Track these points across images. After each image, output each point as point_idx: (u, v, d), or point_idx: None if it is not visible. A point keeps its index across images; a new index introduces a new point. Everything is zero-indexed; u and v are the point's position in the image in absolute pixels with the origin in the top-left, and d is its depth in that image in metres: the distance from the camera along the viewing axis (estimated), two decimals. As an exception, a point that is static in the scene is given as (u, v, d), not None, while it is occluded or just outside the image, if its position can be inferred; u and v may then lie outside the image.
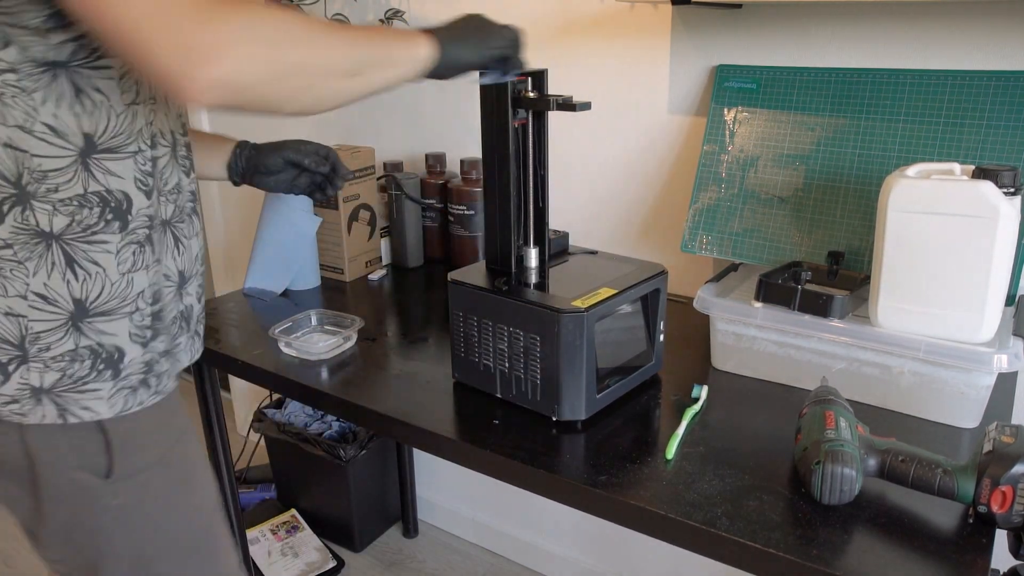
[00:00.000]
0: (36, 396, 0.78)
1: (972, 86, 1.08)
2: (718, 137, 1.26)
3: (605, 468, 0.87)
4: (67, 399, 0.79)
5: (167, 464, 0.88)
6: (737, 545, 0.75)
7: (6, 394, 0.78)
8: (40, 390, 0.78)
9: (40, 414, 0.79)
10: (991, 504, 0.73)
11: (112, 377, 0.81)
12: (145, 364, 0.84)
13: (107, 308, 0.80)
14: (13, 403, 0.78)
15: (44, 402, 0.79)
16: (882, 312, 0.96)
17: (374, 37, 0.78)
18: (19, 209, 0.74)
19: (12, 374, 0.78)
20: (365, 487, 1.89)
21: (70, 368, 0.79)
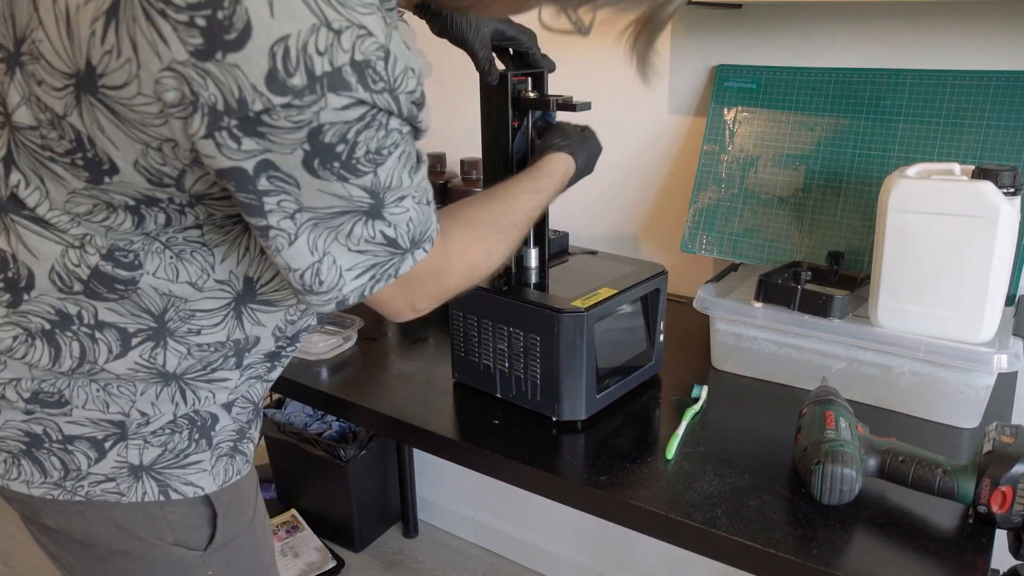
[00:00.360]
0: (135, 474, 0.71)
1: (972, 86, 1.08)
2: (718, 137, 1.26)
3: (605, 468, 0.87)
4: (168, 475, 0.73)
5: (253, 527, 0.82)
6: (737, 545, 0.75)
7: (100, 473, 0.71)
8: (139, 467, 0.71)
9: (140, 492, 0.72)
10: (991, 504, 0.73)
11: (208, 446, 0.75)
12: (236, 432, 0.78)
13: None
14: (108, 482, 0.71)
15: (144, 479, 0.72)
16: (882, 312, 0.96)
17: (540, 195, 0.88)
18: (149, 345, 0.67)
19: (108, 452, 0.70)
20: (365, 487, 1.89)
21: (170, 441, 0.72)
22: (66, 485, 0.70)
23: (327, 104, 0.52)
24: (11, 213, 0.63)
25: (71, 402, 0.68)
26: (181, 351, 0.69)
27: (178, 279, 0.66)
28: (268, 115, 0.51)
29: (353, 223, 0.60)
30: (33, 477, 0.70)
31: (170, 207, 0.61)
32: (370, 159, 0.57)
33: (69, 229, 0.62)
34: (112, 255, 0.63)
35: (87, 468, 0.70)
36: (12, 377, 0.68)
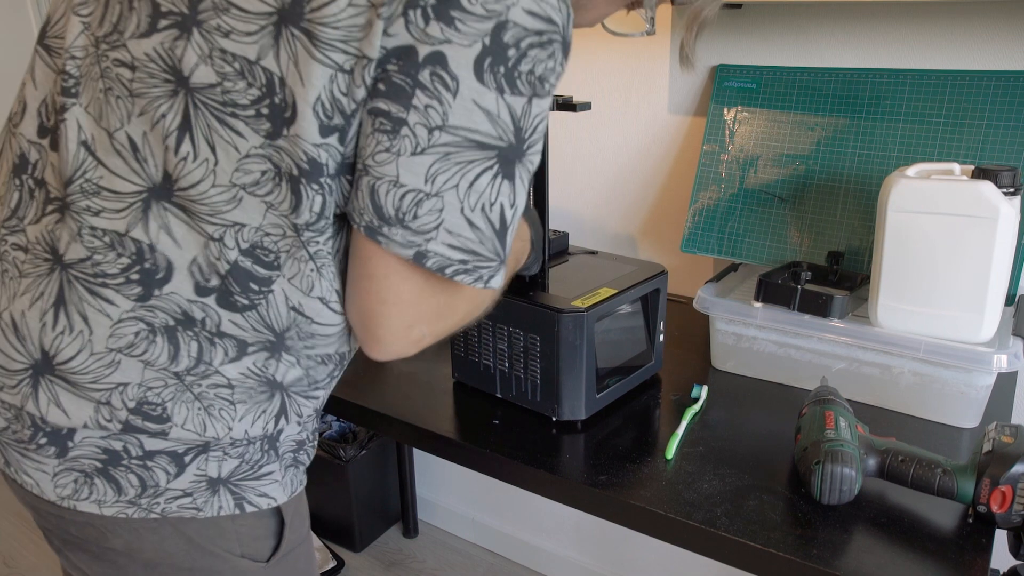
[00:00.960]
0: (213, 487, 0.69)
1: (972, 86, 1.08)
2: (718, 137, 1.26)
3: (605, 468, 0.87)
4: (244, 487, 0.70)
5: (309, 537, 0.81)
6: (737, 545, 0.75)
7: (178, 488, 0.67)
8: (218, 480, 0.69)
9: (216, 506, 0.69)
10: (991, 504, 0.73)
11: (276, 457, 0.72)
12: (297, 443, 0.75)
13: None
14: (184, 497, 0.68)
15: (221, 493, 0.69)
16: (882, 312, 0.96)
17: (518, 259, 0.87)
18: (264, 355, 0.66)
19: (188, 465, 0.67)
20: (365, 487, 1.89)
21: (247, 452, 0.70)
22: (142, 503, 0.67)
23: (520, 3, 0.55)
24: (162, 200, 0.61)
25: (171, 419, 0.64)
26: (292, 360, 0.67)
27: (311, 292, 0.64)
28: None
29: (482, 169, 0.57)
30: (106, 496, 0.67)
31: (325, 183, 0.60)
32: (531, 81, 0.57)
33: (221, 211, 0.60)
34: (253, 251, 0.62)
35: (165, 484, 0.67)
36: (121, 382, 0.63)
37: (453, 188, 0.57)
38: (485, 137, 0.56)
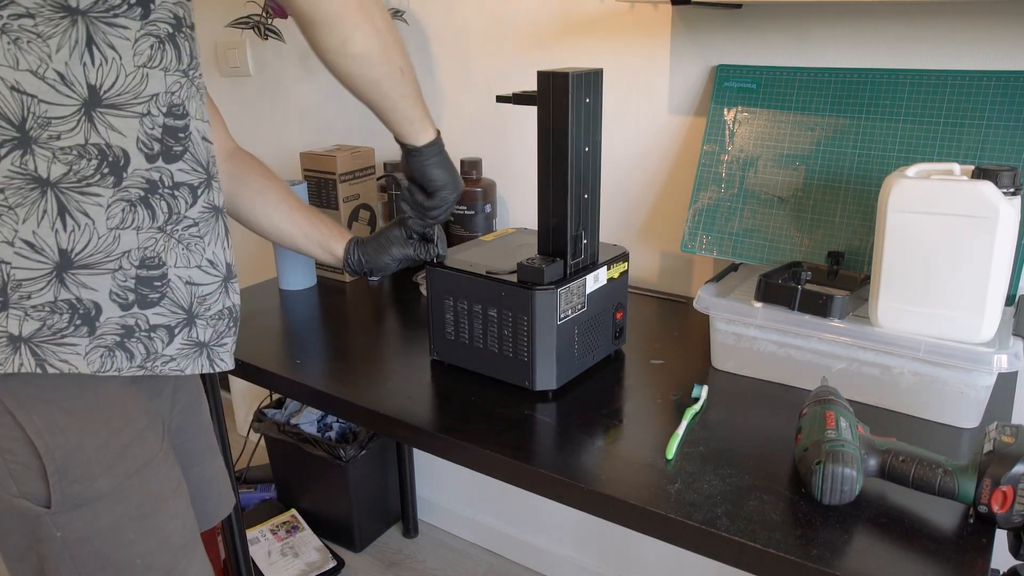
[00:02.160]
0: (14, 344, 0.76)
1: (972, 86, 1.08)
2: (718, 137, 1.26)
3: (605, 468, 0.87)
4: (46, 350, 0.77)
5: (121, 497, 0.82)
6: (737, 545, 0.75)
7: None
8: (19, 338, 0.76)
9: (17, 363, 0.76)
10: (991, 504, 0.73)
11: (88, 333, 0.78)
12: (123, 327, 0.80)
13: (90, 261, 0.78)
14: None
15: (22, 351, 0.76)
16: (882, 312, 0.96)
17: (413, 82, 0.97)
18: (19, 153, 0.73)
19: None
20: (365, 487, 1.89)
21: (49, 319, 0.77)
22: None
23: None
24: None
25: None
26: (47, 155, 0.74)
27: (18, 67, 0.72)
28: None
29: None
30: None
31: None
32: None
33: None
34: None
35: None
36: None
37: None
38: None
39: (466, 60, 1.60)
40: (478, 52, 1.57)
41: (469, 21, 1.57)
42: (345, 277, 1.53)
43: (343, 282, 1.53)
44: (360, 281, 1.54)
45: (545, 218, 1.03)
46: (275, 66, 1.94)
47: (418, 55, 1.66)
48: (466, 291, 1.05)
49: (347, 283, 1.52)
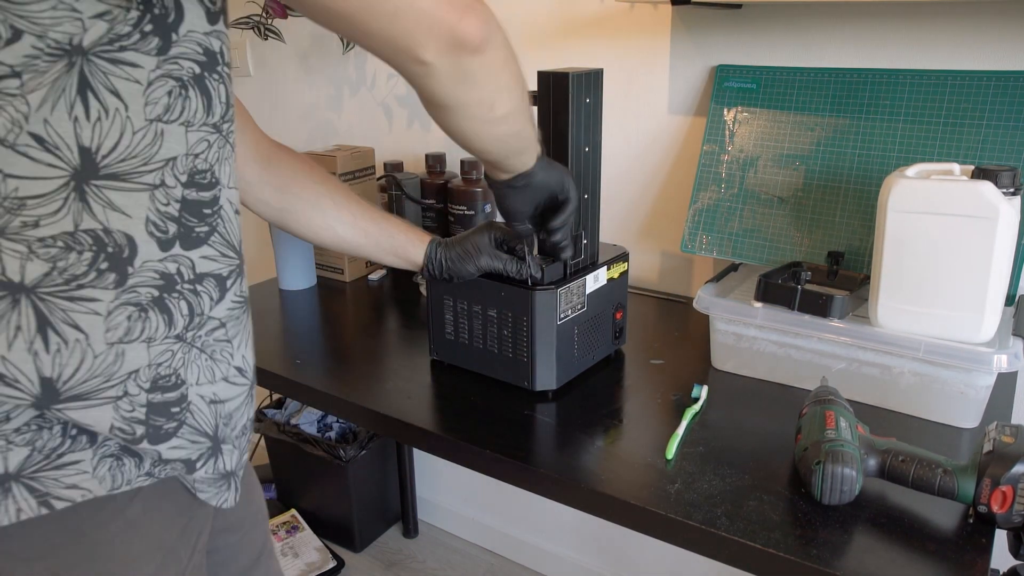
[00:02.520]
0: (3, 485, 0.58)
1: (972, 86, 1.08)
2: (718, 137, 1.26)
3: (605, 468, 0.87)
4: (45, 481, 0.59)
5: None
6: (737, 545, 0.75)
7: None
8: (7, 475, 0.57)
9: (13, 509, 0.58)
10: (991, 504, 0.73)
11: (89, 443, 0.60)
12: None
13: (83, 390, 0.58)
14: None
15: (15, 492, 0.58)
16: (882, 312, 0.96)
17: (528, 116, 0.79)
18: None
19: None
20: (365, 487, 1.89)
21: (38, 439, 0.58)
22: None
23: None
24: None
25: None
26: (20, 250, 0.54)
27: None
28: None
29: None
30: None
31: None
32: None
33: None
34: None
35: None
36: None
37: None
38: None
39: (466, 60, 1.60)
40: (478, 52, 1.57)
41: (469, 21, 1.56)
42: (345, 277, 1.53)
43: (343, 282, 1.53)
44: (360, 281, 1.54)
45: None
46: (275, 66, 1.94)
47: (418, 55, 1.66)
48: (466, 291, 1.05)
49: (347, 283, 1.52)
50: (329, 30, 0.61)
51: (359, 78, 1.77)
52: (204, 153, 0.61)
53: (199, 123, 0.60)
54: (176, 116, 0.58)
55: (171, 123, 0.58)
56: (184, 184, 0.60)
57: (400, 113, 1.73)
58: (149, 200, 0.58)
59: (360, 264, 1.55)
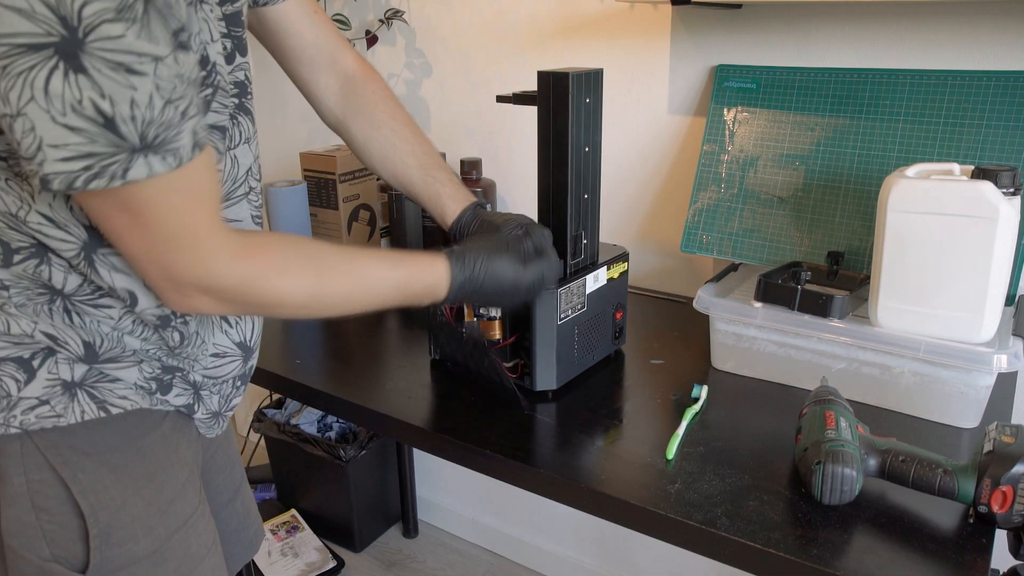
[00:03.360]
0: (70, 392, 0.69)
1: (972, 86, 1.08)
2: (718, 137, 1.26)
3: (605, 468, 0.87)
4: (103, 390, 0.71)
5: (160, 559, 0.75)
6: (737, 545, 0.75)
7: (32, 396, 0.68)
8: (72, 383, 0.69)
9: (78, 411, 0.70)
10: (991, 504, 0.73)
11: (134, 362, 0.73)
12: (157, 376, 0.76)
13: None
14: (43, 405, 0.68)
15: (79, 397, 0.70)
16: (882, 312, 0.96)
17: (396, 284, 0.79)
18: (34, 262, 0.67)
19: (38, 370, 0.68)
20: (365, 487, 1.89)
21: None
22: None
23: None
24: None
25: None
26: (64, 264, 0.67)
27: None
28: None
29: (47, 71, 0.51)
30: None
31: None
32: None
33: None
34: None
35: (17, 393, 0.68)
36: None
37: (31, 100, 0.52)
38: (30, 38, 0.51)
39: (466, 60, 1.60)
40: (478, 52, 1.57)
41: (469, 21, 1.57)
42: (345, 277, 1.53)
43: (343, 282, 1.53)
44: (360, 281, 1.53)
45: (545, 218, 1.03)
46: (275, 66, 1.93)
47: (418, 55, 1.66)
48: None
49: (347, 283, 1.52)
50: None
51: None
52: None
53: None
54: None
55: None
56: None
57: (400, 113, 1.73)
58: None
59: (360, 264, 1.55)
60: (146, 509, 0.74)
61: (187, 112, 0.58)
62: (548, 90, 0.97)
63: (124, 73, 0.53)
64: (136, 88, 0.54)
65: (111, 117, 0.54)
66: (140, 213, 0.59)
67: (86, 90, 0.52)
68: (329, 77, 0.99)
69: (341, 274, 0.74)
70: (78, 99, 0.53)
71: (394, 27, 1.67)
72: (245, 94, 0.77)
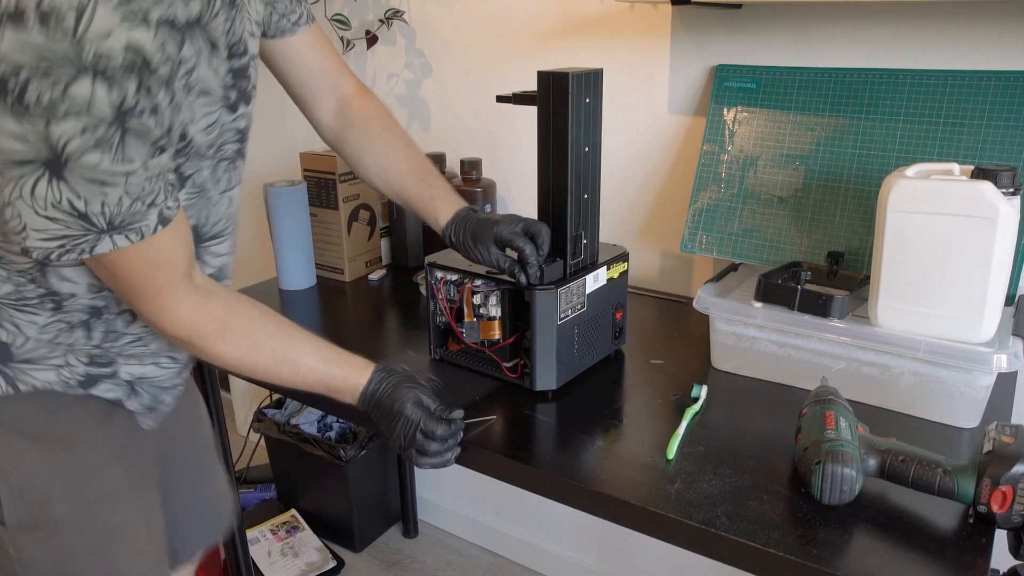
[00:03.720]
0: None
1: (972, 86, 1.08)
2: (718, 137, 1.26)
3: (605, 468, 0.87)
4: (15, 369, 0.79)
5: (77, 526, 0.83)
6: (737, 545, 0.75)
7: None
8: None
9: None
10: (991, 504, 0.73)
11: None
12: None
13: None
14: None
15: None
16: (882, 312, 0.96)
17: (320, 378, 0.86)
18: None
19: None
20: (365, 487, 1.89)
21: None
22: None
23: (5, 40, 0.57)
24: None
25: None
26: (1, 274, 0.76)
27: None
28: None
29: (35, 179, 0.63)
30: None
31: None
32: (42, 108, 0.60)
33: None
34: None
35: None
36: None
37: (19, 197, 0.65)
38: (23, 155, 0.62)
39: (466, 60, 1.60)
40: (478, 52, 1.57)
41: (469, 21, 1.57)
42: (345, 277, 1.53)
43: (343, 282, 1.53)
44: (360, 281, 1.54)
45: (545, 218, 1.03)
46: (275, 66, 1.93)
47: (418, 55, 1.66)
48: None
49: (347, 283, 1.52)
50: None
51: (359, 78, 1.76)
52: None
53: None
54: None
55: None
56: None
57: (400, 113, 1.73)
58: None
59: (360, 264, 1.55)
60: (62, 476, 0.81)
61: (155, 202, 0.69)
62: (548, 90, 0.97)
63: (98, 185, 0.64)
64: (107, 194, 0.65)
65: (84, 212, 0.65)
66: (109, 271, 0.72)
67: (65, 193, 0.64)
68: (329, 99, 1.05)
69: (270, 354, 0.83)
70: (58, 199, 0.64)
71: (394, 27, 1.67)
72: (243, 139, 0.84)
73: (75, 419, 0.83)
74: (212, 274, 0.88)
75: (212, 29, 0.72)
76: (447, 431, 0.87)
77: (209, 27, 0.72)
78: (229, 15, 0.75)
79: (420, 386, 0.88)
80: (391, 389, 0.86)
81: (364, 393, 0.87)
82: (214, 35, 0.73)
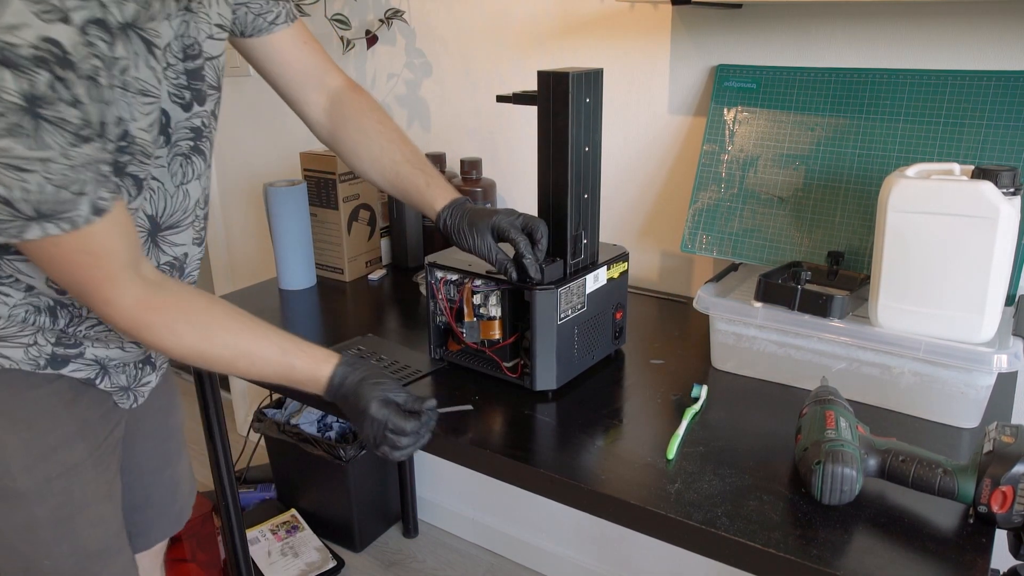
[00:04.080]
0: None
1: (972, 86, 1.08)
2: (718, 137, 1.26)
3: (605, 468, 0.87)
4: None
5: (39, 498, 0.87)
6: (737, 545, 0.75)
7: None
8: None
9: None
10: (991, 504, 0.73)
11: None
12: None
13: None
14: None
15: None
16: (882, 312, 0.96)
17: (278, 368, 0.86)
18: None
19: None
20: (365, 487, 1.89)
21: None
22: None
23: None
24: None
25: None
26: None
27: None
28: None
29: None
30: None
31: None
32: None
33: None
34: None
35: None
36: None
37: None
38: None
39: (466, 60, 1.60)
40: (478, 52, 1.57)
41: (469, 21, 1.57)
42: (345, 277, 1.53)
43: (343, 282, 1.53)
44: (360, 281, 1.54)
45: (545, 218, 1.03)
46: (275, 66, 1.93)
47: (418, 55, 1.66)
48: None
49: (347, 283, 1.52)
50: None
51: (359, 78, 1.77)
52: None
53: None
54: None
55: None
56: None
57: (400, 113, 1.73)
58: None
59: (360, 264, 1.55)
60: (24, 450, 0.85)
61: (83, 191, 0.70)
62: (548, 90, 0.97)
63: (15, 171, 0.66)
64: (27, 180, 0.67)
65: (6, 198, 0.67)
66: (51, 263, 0.74)
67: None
68: (319, 96, 1.06)
69: (222, 346, 0.83)
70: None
71: (394, 27, 1.67)
72: (200, 137, 0.88)
73: (40, 399, 0.86)
74: (169, 262, 0.91)
75: (150, 31, 0.75)
76: (416, 426, 0.86)
77: (147, 29, 0.75)
78: (183, 18, 0.80)
79: (385, 381, 0.87)
80: (355, 387, 0.86)
81: (330, 386, 0.87)
82: (152, 37, 0.76)
